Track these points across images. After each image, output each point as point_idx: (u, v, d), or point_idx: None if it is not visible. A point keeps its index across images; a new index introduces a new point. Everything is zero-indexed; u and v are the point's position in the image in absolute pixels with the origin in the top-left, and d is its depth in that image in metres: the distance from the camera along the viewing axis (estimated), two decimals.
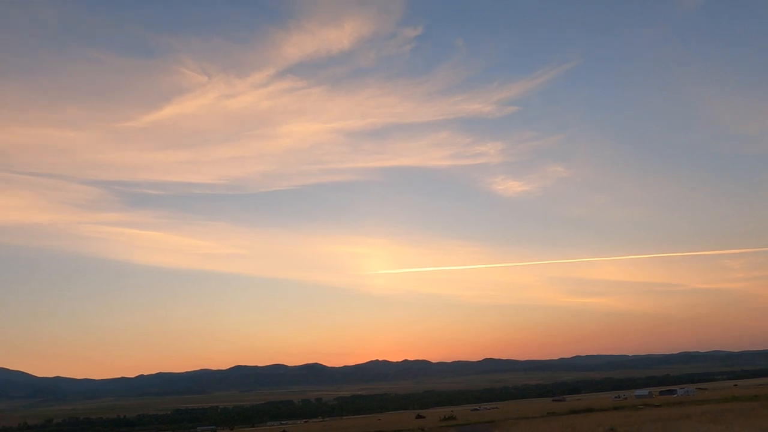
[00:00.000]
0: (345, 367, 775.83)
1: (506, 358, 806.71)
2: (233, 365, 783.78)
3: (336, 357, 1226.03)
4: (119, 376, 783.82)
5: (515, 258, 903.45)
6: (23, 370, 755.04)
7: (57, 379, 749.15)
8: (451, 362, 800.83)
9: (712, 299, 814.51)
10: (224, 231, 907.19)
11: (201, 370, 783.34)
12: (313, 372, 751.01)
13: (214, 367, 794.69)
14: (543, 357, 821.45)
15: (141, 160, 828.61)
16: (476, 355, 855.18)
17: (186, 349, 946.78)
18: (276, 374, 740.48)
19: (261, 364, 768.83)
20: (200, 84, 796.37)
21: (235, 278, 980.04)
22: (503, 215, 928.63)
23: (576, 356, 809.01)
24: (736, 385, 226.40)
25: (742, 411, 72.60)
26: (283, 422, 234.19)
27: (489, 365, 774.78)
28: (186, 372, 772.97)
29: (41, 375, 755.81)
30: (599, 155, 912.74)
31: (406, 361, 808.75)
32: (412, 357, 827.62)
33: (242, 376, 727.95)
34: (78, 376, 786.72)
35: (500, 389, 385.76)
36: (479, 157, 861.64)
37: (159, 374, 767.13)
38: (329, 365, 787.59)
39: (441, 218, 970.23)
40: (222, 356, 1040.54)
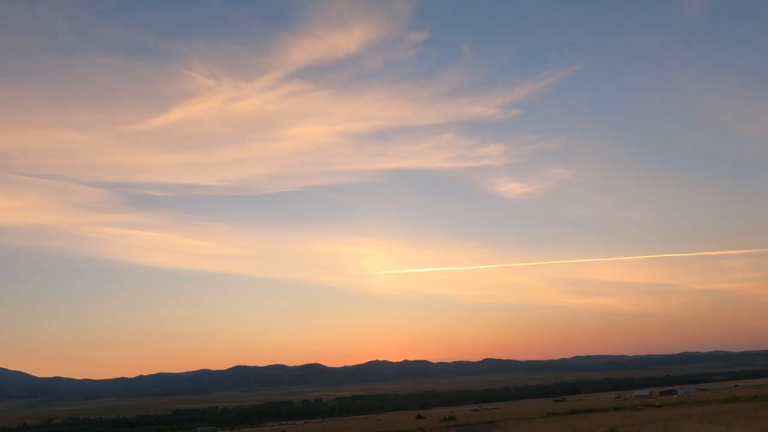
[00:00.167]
0: (345, 368, 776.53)
1: (506, 359, 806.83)
2: (233, 365, 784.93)
3: (336, 357, 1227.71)
4: (119, 377, 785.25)
5: (516, 258, 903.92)
6: (22, 371, 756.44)
7: (56, 380, 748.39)
8: (451, 362, 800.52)
9: (713, 299, 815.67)
10: (226, 232, 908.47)
11: (201, 371, 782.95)
12: (313, 372, 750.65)
13: (214, 368, 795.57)
14: (543, 357, 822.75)
15: (146, 163, 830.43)
16: (476, 356, 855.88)
17: (186, 350, 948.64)
18: (276, 374, 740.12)
19: (261, 365, 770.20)
20: (208, 87, 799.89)
21: (236, 279, 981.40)
22: (504, 216, 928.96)
23: (576, 356, 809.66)
24: (737, 386, 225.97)
25: (743, 411, 72.35)
26: (283, 423, 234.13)
27: (489, 365, 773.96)
28: (186, 372, 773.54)
29: (41, 375, 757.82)
30: (601, 157, 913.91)
31: (406, 362, 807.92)
32: (412, 357, 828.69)
33: (242, 377, 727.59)
34: (77, 377, 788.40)
35: (500, 389, 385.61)
36: (482, 159, 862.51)
37: (159, 374, 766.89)
38: (329, 365, 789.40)
39: (442, 219, 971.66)
40: (222, 356, 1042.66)
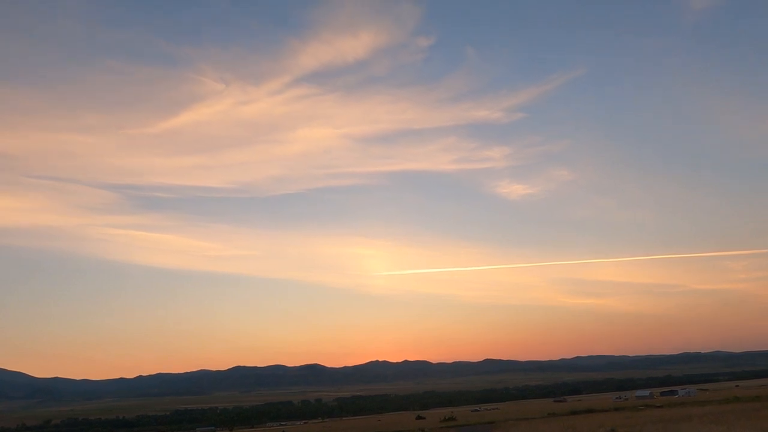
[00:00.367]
0: (345, 368, 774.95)
1: (507, 359, 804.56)
2: (233, 366, 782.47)
3: (336, 357, 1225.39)
4: (118, 377, 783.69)
5: (517, 259, 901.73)
6: (22, 371, 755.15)
7: (56, 380, 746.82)
8: (452, 363, 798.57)
9: (714, 300, 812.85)
10: (229, 233, 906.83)
11: (200, 371, 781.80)
12: (313, 372, 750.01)
13: (214, 368, 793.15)
14: (544, 357, 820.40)
15: (152, 165, 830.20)
16: (477, 356, 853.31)
17: (185, 350, 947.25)
18: (276, 375, 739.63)
19: (261, 365, 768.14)
20: (217, 91, 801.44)
21: (237, 279, 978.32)
22: (506, 217, 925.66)
23: (577, 357, 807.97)
24: (738, 386, 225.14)
25: (744, 412, 72.00)
26: (283, 423, 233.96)
27: (489, 366, 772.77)
28: (185, 372, 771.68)
29: (40, 375, 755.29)
30: (603, 158, 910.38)
31: (406, 362, 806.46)
32: (412, 357, 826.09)
33: (242, 377, 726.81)
34: (77, 377, 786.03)
35: (501, 390, 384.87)
36: (485, 162, 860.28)
37: (158, 375, 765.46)
38: (329, 366, 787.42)
39: (444, 220, 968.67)
40: (221, 357, 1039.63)
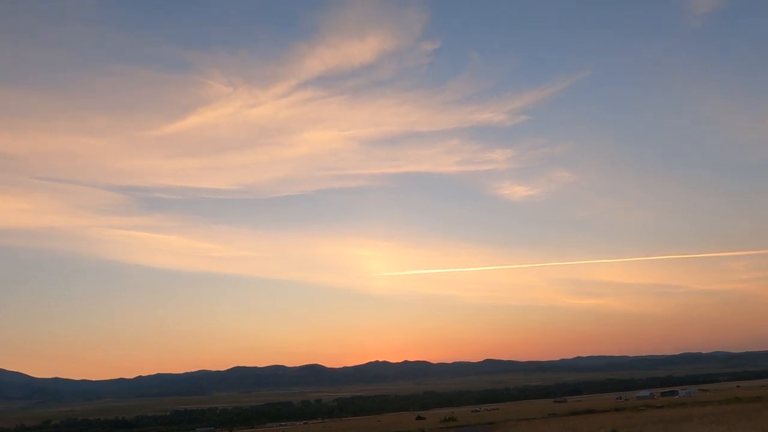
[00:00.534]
0: (345, 368, 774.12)
1: (507, 359, 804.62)
2: (232, 366, 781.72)
3: (336, 358, 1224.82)
4: (117, 377, 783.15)
5: (518, 260, 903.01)
6: (21, 371, 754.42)
7: (55, 380, 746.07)
8: (452, 363, 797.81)
9: (714, 300, 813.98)
10: (232, 234, 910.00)
11: (200, 371, 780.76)
12: (313, 373, 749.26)
13: (214, 368, 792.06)
14: (544, 358, 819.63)
15: (158, 167, 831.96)
16: (477, 356, 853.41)
17: (185, 350, 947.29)
18: (275, 375, 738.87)
19: (260, 365, 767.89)
20: (225, 95, 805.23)
21: (238, 280, 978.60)
22: (508, 218, 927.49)
23: (577, 357, 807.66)
24: (739, 387, 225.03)
25: (745, 412, 71.74)
26: (283, 423, 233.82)
27: (489, 366, 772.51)
28: (185, 373, 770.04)
29: (39, 376, 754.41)
30: (605, 160, 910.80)
31: (406, 362, 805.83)
32: (412, 358, 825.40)
33: (241, 377, 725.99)
34: (76, 377, 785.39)
35: (501, 390, 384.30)
36: (488, 164, 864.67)
37: (158, 375, 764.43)
38: (329, 366, 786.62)
39: (446, 221, 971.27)
40: (221, 357, 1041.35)
